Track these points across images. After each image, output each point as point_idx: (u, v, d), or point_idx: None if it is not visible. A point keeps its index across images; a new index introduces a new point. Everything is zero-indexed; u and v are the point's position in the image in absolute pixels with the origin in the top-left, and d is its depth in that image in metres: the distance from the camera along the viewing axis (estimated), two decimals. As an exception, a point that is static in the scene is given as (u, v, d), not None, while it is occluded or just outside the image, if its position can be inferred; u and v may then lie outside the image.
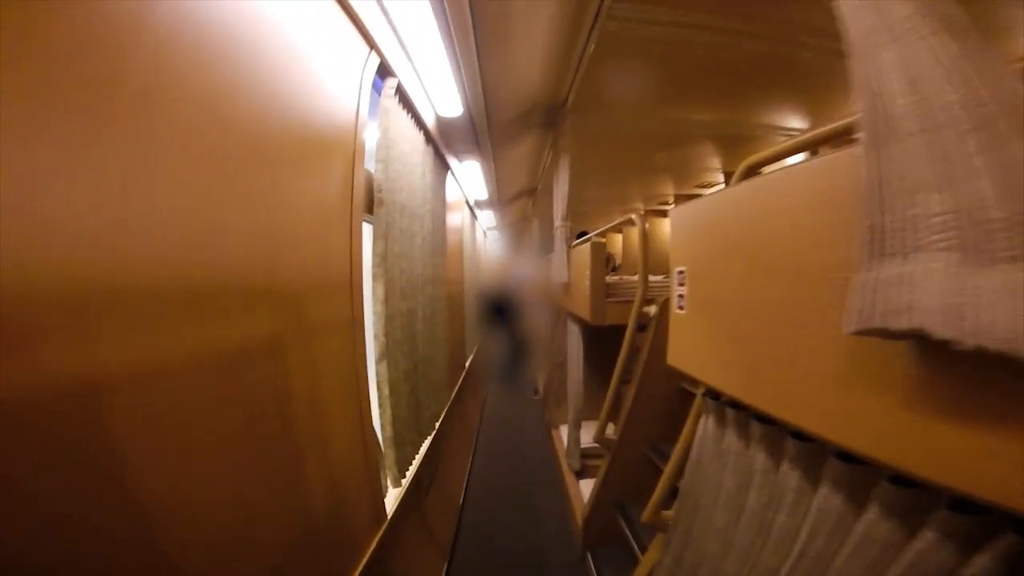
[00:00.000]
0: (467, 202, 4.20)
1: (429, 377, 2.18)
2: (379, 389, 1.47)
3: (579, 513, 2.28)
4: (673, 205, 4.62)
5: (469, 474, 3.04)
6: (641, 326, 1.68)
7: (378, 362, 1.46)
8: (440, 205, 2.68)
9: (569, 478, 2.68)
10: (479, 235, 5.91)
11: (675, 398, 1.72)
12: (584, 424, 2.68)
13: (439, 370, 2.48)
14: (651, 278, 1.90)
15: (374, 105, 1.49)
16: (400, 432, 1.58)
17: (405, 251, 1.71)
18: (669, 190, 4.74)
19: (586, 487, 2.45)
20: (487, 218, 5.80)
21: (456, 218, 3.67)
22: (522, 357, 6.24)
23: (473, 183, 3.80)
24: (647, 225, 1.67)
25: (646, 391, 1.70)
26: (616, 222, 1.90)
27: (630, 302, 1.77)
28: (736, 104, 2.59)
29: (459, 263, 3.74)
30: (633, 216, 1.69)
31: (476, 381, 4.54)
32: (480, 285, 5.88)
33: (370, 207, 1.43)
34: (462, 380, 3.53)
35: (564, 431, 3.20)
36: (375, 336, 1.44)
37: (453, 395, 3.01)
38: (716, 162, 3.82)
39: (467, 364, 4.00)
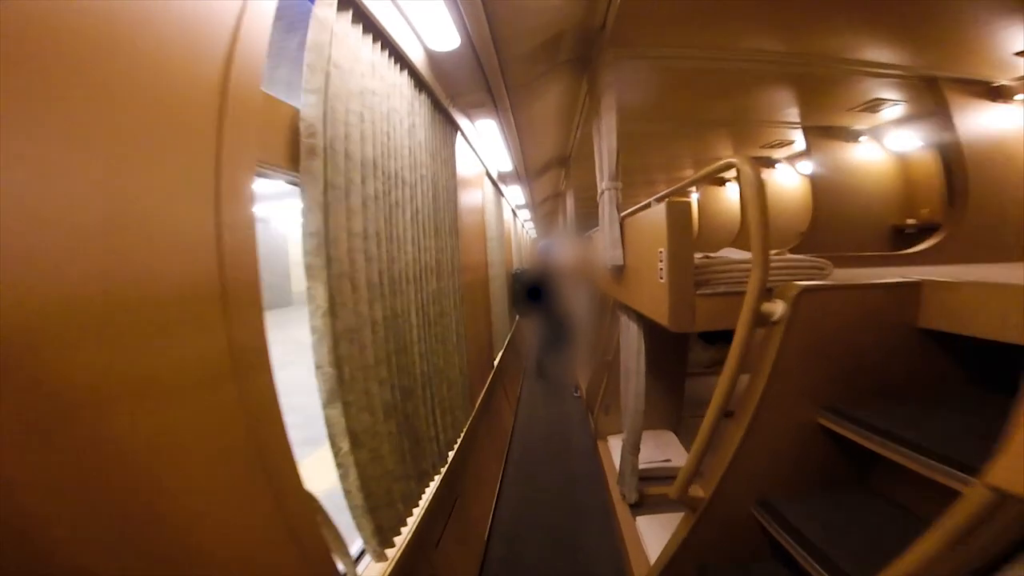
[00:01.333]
0: (488, 174, 3.63)
1: (438, 398, 1.67)
2: (333, 445, 0.97)
3: (637, 566, 1.74)
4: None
5: (497, 498, 2.54)
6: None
7: (326, 406, 0.94)
8: (448, 172, 2.14)
9: (622, 511, 2.13)
10: (507, 213, 5.34)
11: (808, 438, 1.15)
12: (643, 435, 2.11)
13: (455, 385, 1.97)
14: (741, 255, 1.31)
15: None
16: (380, 492, 1.08)
17: (379, 229, 1.18)
18: (727, 152, 3.99)
19: (646, 527, 1.89)
20: (514, 195, 5.20)
21: (475, 193, 3.12)
22: (561, 345, 5.68)
23: (492, 149, 3.21)
24: (759, 177, 1.05)
25: (764, 429, 1.14)
26: (707, 171, 1.30)
27: (733, 295, 1.20)
28: (822, 31, 1.95)
29: (481, 245, 3.20)
30: (737, 161, 1.09)
31: (509, 378, 4.04)
32: (511, 268, 5.35)
33: (293, 160, 0.90)
34: (490, 382, 3.02)
35: (614, 444, 2.64)
36: (317, 368, 0.93)
37: (477, 406, 2.50)
38: (792, 113, 3.05)
39: (496, 361, 3.49)
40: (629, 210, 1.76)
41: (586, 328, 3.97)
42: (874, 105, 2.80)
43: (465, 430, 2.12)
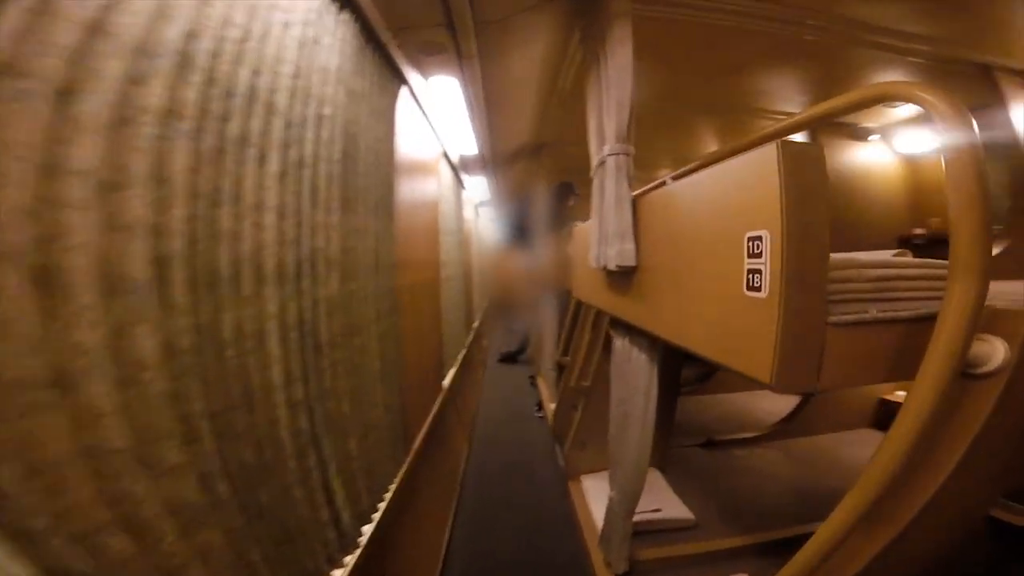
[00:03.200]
0: (447, 156, 3.04)
1: (339, 459, 1.08)
2: None
3: None
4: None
5: (445, 559, 1.95)
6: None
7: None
8: (382, 130, 1.56)
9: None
10: (469, 210, 4.76)
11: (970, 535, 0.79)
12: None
13: (376, 430, 1.39)
14: (858, 256, 0.83)
15: None
16: None
17: (178, 177, 0.59)
18: (710, 145, 3.40)
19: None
20: (478, 189, 4.63)
21: (428, 176, 2.55)
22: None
23: (452, 123, 2.65)
24: (969, 122, 0.61)
25: (917, 532, 0.68)
26: (846, 100, 0.77)
27: (899, 324, 0.71)
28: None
29: (433, 240, 2.61)
30: (930, 96, 0.63)
31: (464, 397, 3.43)
32: (472, 273, 4.78)
33: None
34: (437, 410, 2.42)
35: (590, 487, 2.11)
36: None
37: (417, 447, 1.91)
38: (797, 102, 2.62)
39: (447, 381, 2.88)
40: (648, 186, 1.24)
41: (547, 330, 3.43)
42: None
43: (396, 484, 1.53)
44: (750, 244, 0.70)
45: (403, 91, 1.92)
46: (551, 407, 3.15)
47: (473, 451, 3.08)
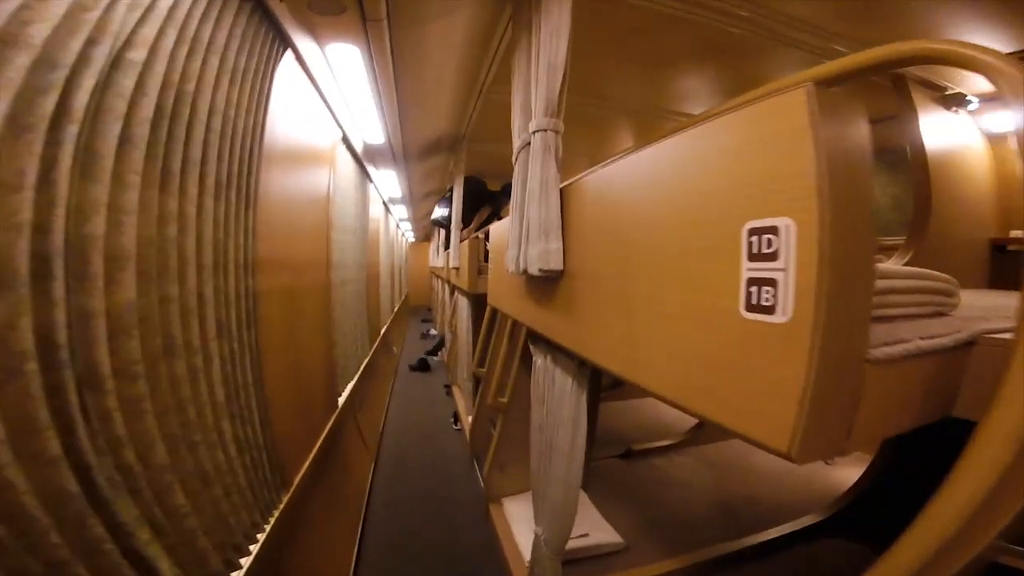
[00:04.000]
0: (347, 143, 2.67)
1: (154, 526, 0.75)
2: None
3: None
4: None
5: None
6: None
7: None
8: (249, 107, 1.23)
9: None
10: (376, 206, 4.35)
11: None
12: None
13: (232, 488, 1.05)
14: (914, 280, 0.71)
15: None
16: None
17: None
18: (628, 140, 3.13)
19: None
20: (387, 184, 4.24)
21: (318, 161, 2.19)
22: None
23: (354, 105, 2.30)
24: None
25: None
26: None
27: (939, 354, 0.57)
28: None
29: (322, 237, 2.25)
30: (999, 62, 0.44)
31: (366, 412, 3.04)
32: (376, 273, 4.39)
33: None
34: (329, 431, 2.05)
35: (512, 511, 1.91)
36: None
37: (299, 480, 1.56)
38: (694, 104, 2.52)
39: (343, 398, 2.50)
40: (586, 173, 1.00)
41: (462, 337, 3.19)
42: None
43: (269, 528, 1.20)
44: (753, 241, 0.48)
45: (287, 58, 1.56)
46: (468, 420, 2.92)
47: (381, 472, 2.74)
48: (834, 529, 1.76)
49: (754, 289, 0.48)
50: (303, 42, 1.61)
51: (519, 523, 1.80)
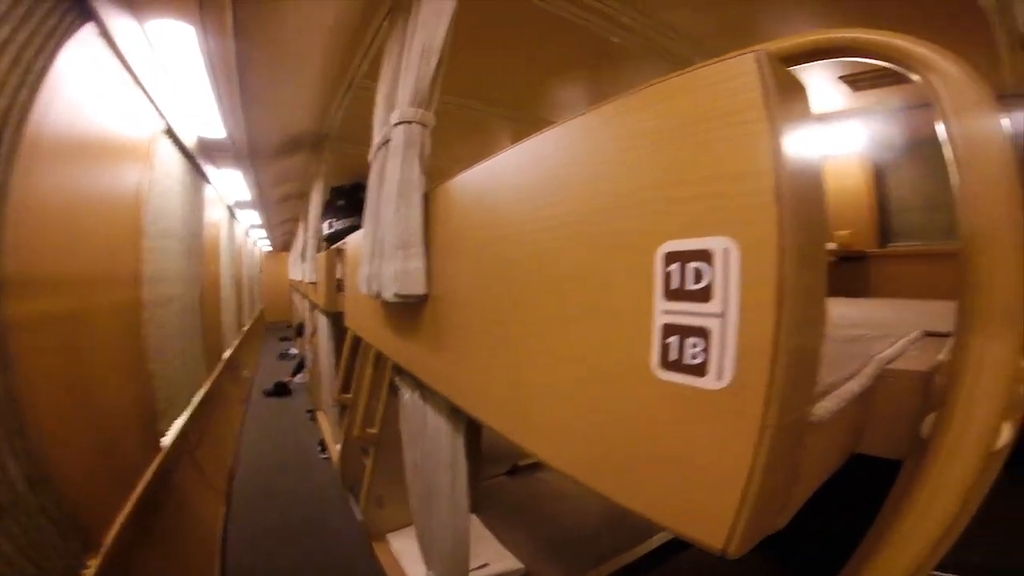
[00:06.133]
0: (173, 135, 2.24)
1: None
2: None
3: None
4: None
5: None
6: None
7: None
8: (15, 84, 0.94)
9: None
10: (216, 210, 3.75)
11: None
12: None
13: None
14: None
15: None
16: None
17: None
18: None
19: None
20: (232, 187, 3.68)
21: (124, 165, 1.81)
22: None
23: (191, 93, 1.95)
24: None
25: None
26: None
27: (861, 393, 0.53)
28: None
29: (128, 245, 1.85)
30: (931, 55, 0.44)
31: (208, 450, 2.55)
32: (216, 284, 3.78)
33: None
34: (150, 481, 1.65)
35: (399, 548, 1.75)
36: None
37: (100, 560, 1.22)
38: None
39: (172, 437, 2.05)
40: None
41: (324, 359, 2.90)
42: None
43: None
44: (672, 271, 0.35)
45: (86, 32, 1.24)
46: (337, 448, 2.64)
47: (237, 513, 2.33)
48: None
49: (673, 340, 0.34)
50: (113, 14, 1.31)
51: (409, 559, 1.65)
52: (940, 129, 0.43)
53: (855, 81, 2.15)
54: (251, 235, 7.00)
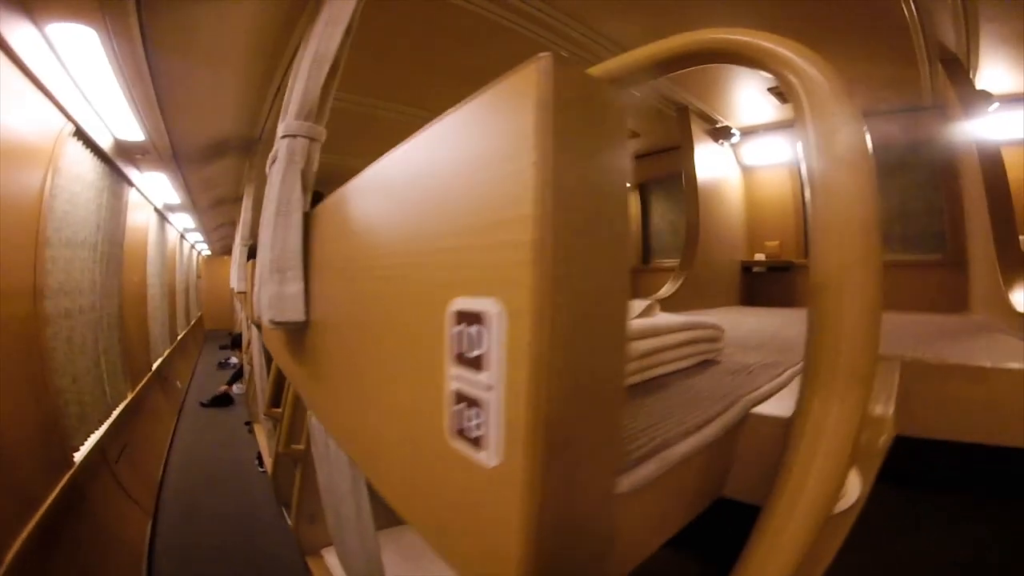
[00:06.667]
0: (83, 136, 2.12)
1: None
2: None
3: None
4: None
5: None
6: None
7: None
8: None
9: None
10: (143, 213, 3.55)
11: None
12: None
13: None
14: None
15: None
16: None
17: None
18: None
19: None
20: (161, 191, 3.50)
21: (22, 167, 1.72)
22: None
23: (105, 92, 1.86)
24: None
25: None
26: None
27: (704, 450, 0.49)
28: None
29: (25, 255, 1.75)
30: (789, 53, 0.43)
31: (133, 465, 2.42)
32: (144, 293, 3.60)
33: None
34: (55, 499, 1.57)
35: (334, 563, 1.69)
36: None
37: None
38: None
39: (84, 453, 1.94)
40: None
41: (258, 370, 2.82)
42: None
43: None
44: (458, 332, 0.30)
45: None
46: (271, 462, 2.57)
47: (165, 530, 2.23)
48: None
49: (460, 408, 0.30)
50: (5, 18, 1.25)
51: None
52: (800, 139, 0.41)
53: (781, 93, 2.28)
54: (188, 238, 6.63)
